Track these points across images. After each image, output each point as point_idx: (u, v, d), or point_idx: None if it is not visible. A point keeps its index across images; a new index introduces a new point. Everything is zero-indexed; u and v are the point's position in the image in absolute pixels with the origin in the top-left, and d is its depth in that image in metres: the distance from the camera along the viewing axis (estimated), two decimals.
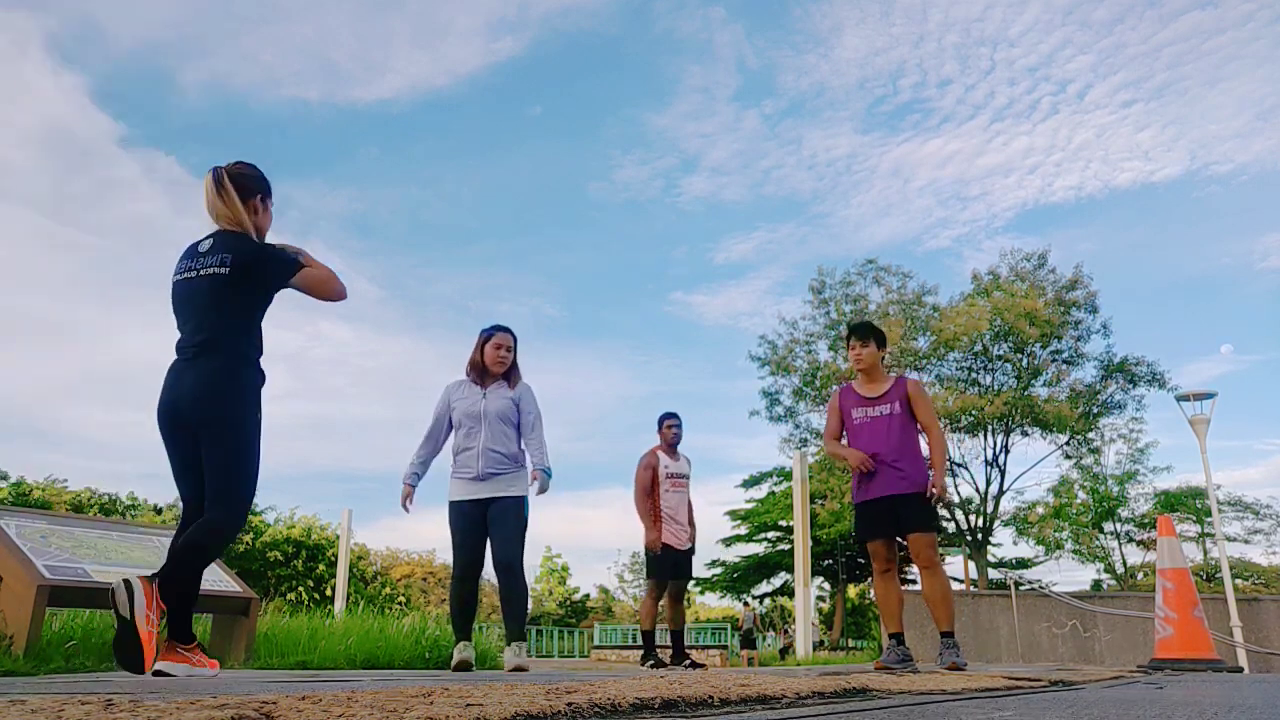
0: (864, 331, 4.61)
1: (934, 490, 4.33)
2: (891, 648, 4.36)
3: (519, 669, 4.23)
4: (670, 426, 6.44)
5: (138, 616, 2.78)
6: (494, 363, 4.60)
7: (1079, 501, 27.98)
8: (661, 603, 6.59)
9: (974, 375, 25.39)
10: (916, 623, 10.77)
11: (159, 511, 32.66)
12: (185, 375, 3.01)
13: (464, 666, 4.43)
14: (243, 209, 3.11)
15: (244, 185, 3.14)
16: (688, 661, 6.39)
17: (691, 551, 6.46)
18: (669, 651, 6.69)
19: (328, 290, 3.20)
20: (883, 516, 4.38)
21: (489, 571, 4.60)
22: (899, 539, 4.47)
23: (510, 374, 4.68)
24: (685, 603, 6.64)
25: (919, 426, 4.51)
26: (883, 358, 4.64)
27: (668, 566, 6.29)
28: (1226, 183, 41.76)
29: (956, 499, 25.80)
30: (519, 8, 51.71)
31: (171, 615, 2.91)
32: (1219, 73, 38.73)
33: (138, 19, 51.15)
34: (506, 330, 4.70)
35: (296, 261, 3.15)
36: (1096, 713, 1.77)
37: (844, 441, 4.62)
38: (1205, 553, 31.32)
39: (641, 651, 6.60)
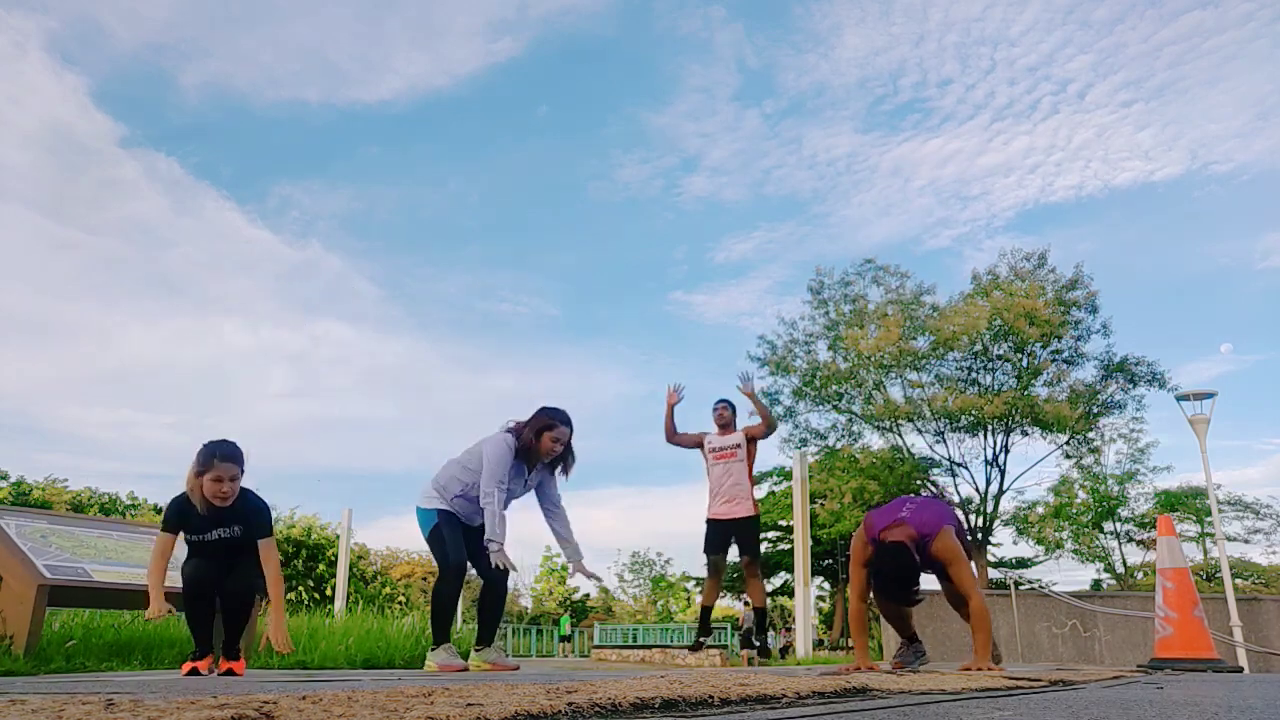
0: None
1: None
2: (903, 648, 4.33)
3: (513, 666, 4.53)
4: (715, 409, 6.64)
5: None
6: (546, 453, 4.47)
7: (1079, 501, 27.95)
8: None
9: (974, 375, 25.39)
10: (917, 623, 10.74)
11: (159, 511, 32.60)
12: None
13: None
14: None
15: None
16: (758, 644, 6.48)
17: (748, 520, 6.37)
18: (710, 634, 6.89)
19: None
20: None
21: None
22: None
23: (564, 460, 4.59)
24: (758, 577, 6.49)
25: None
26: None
27: (710, 540, 6.44)
28: (1226, 182, 41.82)
29: (957, 498, 25.82)
30: (518, 8, 51.76)
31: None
32: (1219, 72, 38.81)
33: (138, 20, 51.19)
34: (568, 423, 4.51)
35: None
36: (1096, 713, 1.77)
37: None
38: (1205, 552, 31.35)
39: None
